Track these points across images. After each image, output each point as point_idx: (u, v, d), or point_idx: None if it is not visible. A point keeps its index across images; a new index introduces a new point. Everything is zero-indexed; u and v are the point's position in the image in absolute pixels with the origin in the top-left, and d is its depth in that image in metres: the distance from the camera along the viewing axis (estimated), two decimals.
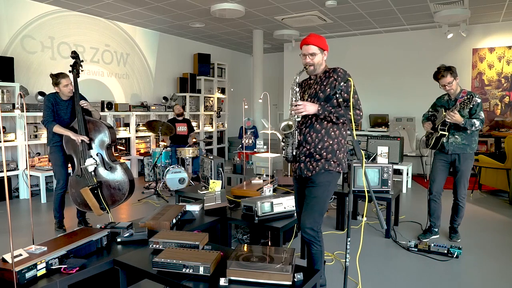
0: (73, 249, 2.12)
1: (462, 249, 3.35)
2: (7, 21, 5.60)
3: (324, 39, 2.42)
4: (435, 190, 3.64)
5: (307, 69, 2.42)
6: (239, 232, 3.71)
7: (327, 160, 2.34)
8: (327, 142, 2.35)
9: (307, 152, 2.38)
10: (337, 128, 2.38)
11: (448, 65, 3.43)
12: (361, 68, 8.48)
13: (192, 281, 1.84)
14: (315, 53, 2.36)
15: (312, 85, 2.45)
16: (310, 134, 2.37)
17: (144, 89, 7.96)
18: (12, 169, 5.36)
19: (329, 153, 2.35)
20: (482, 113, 3.38)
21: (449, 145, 3.49)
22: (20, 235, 3.83)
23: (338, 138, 2.37)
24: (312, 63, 2.38)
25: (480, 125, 3.35)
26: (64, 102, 3.83)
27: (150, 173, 6.64)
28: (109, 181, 3.71)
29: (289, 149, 2.42)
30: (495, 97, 7.41)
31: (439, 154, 3.63)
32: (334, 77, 2.33)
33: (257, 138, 7.67)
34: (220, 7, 6.07)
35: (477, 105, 3.36)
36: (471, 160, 3.51)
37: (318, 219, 2.35)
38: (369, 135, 6.49)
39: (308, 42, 2.37)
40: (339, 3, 6.03)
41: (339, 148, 2.38)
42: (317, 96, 2.37)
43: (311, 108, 2.29)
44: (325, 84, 2.36)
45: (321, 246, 2.39)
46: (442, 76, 3.41)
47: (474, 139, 3.47)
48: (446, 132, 3.47)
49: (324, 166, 2.34)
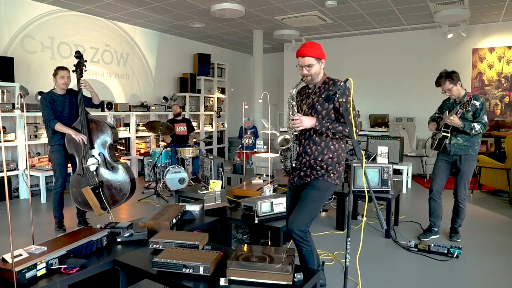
0: (73, 249, 2.12)
1: (462, 249, 3.35)
2: (7, 21, 5.60)
3: (320, 47, 2.36)
4: (435, 189, 3.65)
5: (304, 80, 2.38)
6: (239, 232, 3.71)
7: (328, 171, 2.34)
8: (327, 155, 2.34)
9: (307, 164, 2.38)
10: (336, 142, 2.37)
11: (450, 71, 3.41)
12: (361, 68, 8.47)
13: (192, 281, 1.84)
14: (312, 64, 2.31)
15: (310, 95, 2.42)
16: (310, 146, 2.36)
17: (144, 89, 7.96)
18: (12, 169, 5.36)
19: (329, 165, 2.35)
20: (485, 116, 3.38)
21: (451, 146, 3.50)
22: (20, 235, 3.83)
23: (338, 151, 2.37)
24: (310, 74, 2.35)
25: (482, 129, 3.35)
26: (61, 97, 3.83)
27: (150, 173, 6.64)
28: (111, 181, 3.71)
29: (287, 163, 2.43)
30: (495, 97, 7.41)
31: (441, 155, 3.64)
32: (334, 90, 2.28)
33: (257, 138, 7.66)
34: (220, 7, 6.07)
35: (480, 109, 3.36)
36: (473, 161, 3.52)
37: (307, 220, 2.32)
38: (369, 135, 6.48)
39: (303, 54, 2.31)
40: (339, 3, 6.03)
41: (338, 161, 2.38)
42: (314, 107, 2.35)
43: (308, 123, 2.26)
44: (324, 96, 2.33)
45: (310, 246, 2.37)
46: (440, 84, 3.44)
47: (477, 141, 3.47)
48: (448, 134, 3.48)
49: (324, 175, 2.34)
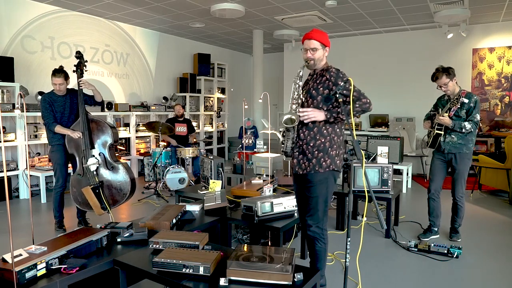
0: (73, 249, 2.12)
1: (462, 249, 3.34)
2: (7, 21, 5.60)
3: (326, 35, 2.42)
4: (433, 188, 3.65)
5: (308, 64, 2.41)
6: (239, 232, 3.71)
7: (318, 159, 2.34)
8: (319, 140, 2.35)
9: (300, 149, 2.40)
10: (330, 126, 2.36)
11: (446, 66, 3.43)
12: (361, 68, 8.48)
13: (192, 281, 1.84)
14: (317, 48, 2.36)
15: (309, 81, 2.48)
16: (302, 131, 2.38)
17: (144, 89, 7.96)
18: (12, 169, 5.36)
19: (321, 151, 2.34)
20: (478, 115, 3.37)
21: (445, 144, 3.50)
22: (20, 235, 3.83)
23: (330, 135, 2.36)
24: (313, 58, 2.38)
25: (473, 128, 3.34)
26: (61, 98, 3.84)
27: (150, 173, 6.64)
28: (111, 181, 3.71)
29: (288, 143, 2.42)
30: (495, 97, 7.41)
31: (437, 153, 3.64)
32: (327, 76, 2.33)
33: (257, 138, 7.66)
34: (220, 7, 6.07)
35: (473, 107, 3.35)
36: (469, 159, 3.51)
37: (322, 217, 2.38)
38: (369, 135, 6.48)
39: (310, 37, 2.37)
40: (339, 3, 6.03)
41: (331, 146, 2.36)
42: (309, 93, 2.39)
43: (319, 115, 2.29)
44: (318, 82, 2.37)
45: (325, 244, 2.41)
46: (437, 78, 3.43)
47: (471, 139, 3.46)
48: (442, 131, 3.48)
49: (315, 167, 2.34)
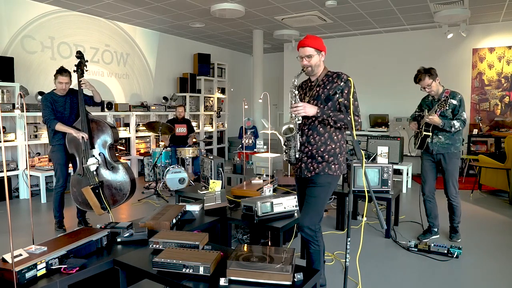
0: (73, 249, 2.12)
1: (462, 249, 3.35)
2: (7, 21, 5.60)
3: (321, 40, 2.41)
4: (428, 190, 3.65)
5: (305, 71, 2.44)
6: (239, 232, 3.71)
7: (329, 163, 2.37)
8: (330, 145, 2.37)
9: (309, 153, 2.40)
10: (340, 132, 2.41)
11: (427, 67, 3.46)
12: (361, 68, 8.48)
13: (192, 281, 1.84)
14: (312, 54, 2.36)
15: (313, 87, 2.45)
16: (313, 136, 2.38)
17: (144, 89, 7.96)
18: (12, 169, 5.36)
19: (331, 156, 2.37)
20: (464, 113, 3.39)
21: (433, 145, 3.51)
22: (20, 235, 3.83)
23: (340, 142, 2.41)
24: (310, 65, 2.39)
25: (461, 126, 3.36)
26: (62, 98, 3.84)
27: (150, 173, 6.64)
28: (111, 181, 3.71)
29: (291, 152, 2.44)
30: (495, 97, 7.40)
31: (425, 154, 3.65)
32: (338, 82, 2.34)
33: (257, 138, 7.66)
34: (220, 7, 6.07)
35: (459, 106, 3.37)
36: (457, 159, 3.52)
37: (315, 219, 2.38)
38: (369, 135, 6.48)
39: (304, 44, 2.37)
40: (339, 3, 6.02)
41: (340, 152, 2.41)
42: (319, 98, 2.39)
43: (311, 110, 2.30)
44: (329, 88, 2.37)
45: (319, 245, 2.41)
46: (420, 79, 3.44)
47: (458, 138, 3.49)
48: (429, 132, 3.48)
49: (325, 169, 2.36)
